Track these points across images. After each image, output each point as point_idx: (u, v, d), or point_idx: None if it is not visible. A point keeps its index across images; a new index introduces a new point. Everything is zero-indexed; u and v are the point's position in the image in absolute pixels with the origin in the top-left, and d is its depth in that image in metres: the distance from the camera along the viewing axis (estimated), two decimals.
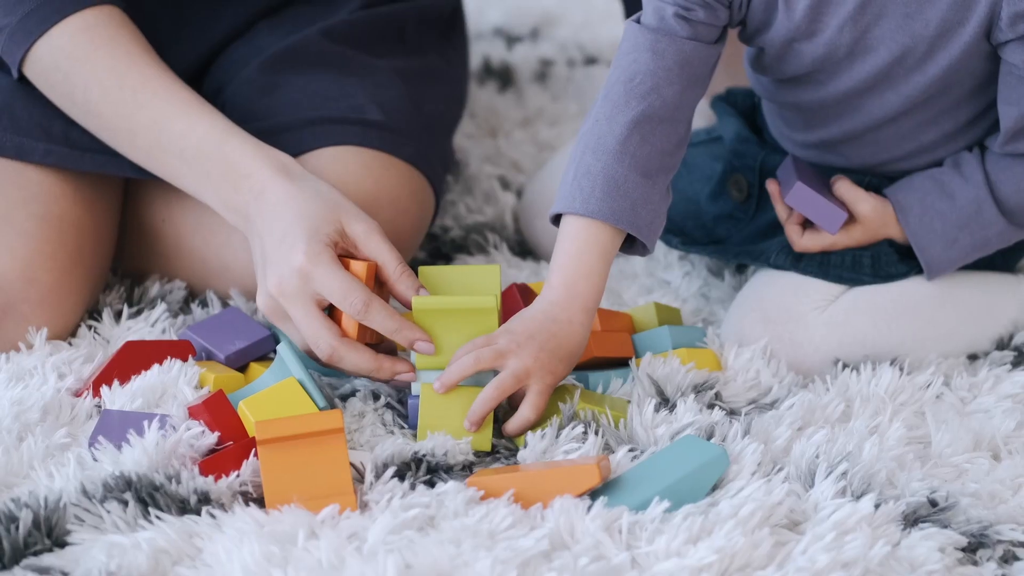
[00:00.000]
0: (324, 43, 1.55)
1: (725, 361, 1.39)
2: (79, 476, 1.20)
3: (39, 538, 1.14)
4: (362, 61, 1.55)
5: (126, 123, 1.40)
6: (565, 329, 1.29)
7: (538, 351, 1.28)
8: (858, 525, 1.17)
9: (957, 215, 1.39)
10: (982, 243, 1.40)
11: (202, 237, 1.47)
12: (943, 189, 1.40)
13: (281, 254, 1.32)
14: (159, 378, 1.33)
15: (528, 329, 1.29)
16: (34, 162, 1.42)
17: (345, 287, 1.30)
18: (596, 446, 1.26)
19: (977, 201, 1.39)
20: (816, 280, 1.41)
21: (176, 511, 1.17)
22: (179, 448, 1.23)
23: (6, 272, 1.37)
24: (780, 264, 1.43)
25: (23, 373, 1.34)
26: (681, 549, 1.13)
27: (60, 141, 1.43)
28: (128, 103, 1.39)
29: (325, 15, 1.59)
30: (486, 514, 1.16)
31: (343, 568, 1.10)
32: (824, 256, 1.42)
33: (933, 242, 1.40)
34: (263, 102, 1.51)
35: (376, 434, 1.30)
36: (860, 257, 1.42)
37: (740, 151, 1.52)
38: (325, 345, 1.31)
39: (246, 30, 1.59)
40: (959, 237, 1.39)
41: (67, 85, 1.40)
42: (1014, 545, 1.18)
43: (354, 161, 1.46)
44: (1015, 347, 1.44)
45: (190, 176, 1.39)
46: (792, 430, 1.29)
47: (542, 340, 1.28)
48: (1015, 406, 1.35)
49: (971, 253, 1.41)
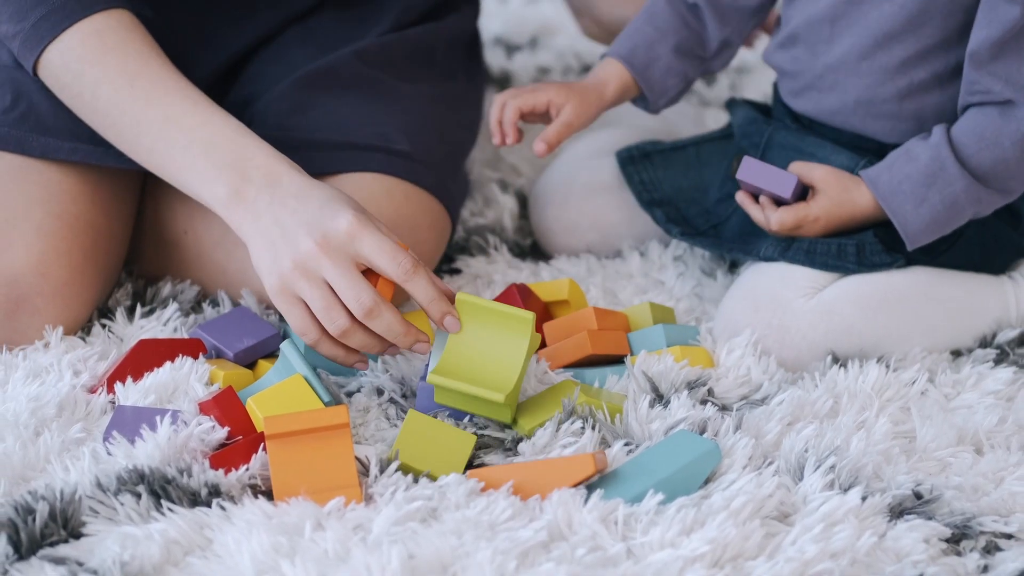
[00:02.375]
0: (357, 65, 1.54)
1: (717, 358, 1.40)
2: (94, 470, 1.20)
3: (55, 529, 1.14)
4: (392, 86, 1.55)
5: (134, 120, 1.37)
6: None
7: None
8: (846, 517, 1.17)
9: (922, 173, 1.40)
10: (951, 202, 1.40)
11: (224, 250, 1.47)
12: (908, 154, 1.41)
13: (323, 218, 1.28)
14: (171, 375, 1.33)
15: None
16: (60, 159, 1.42)
17: (395, 248, 1.28)
18: (593, 441, 1.26)
19: (939, 158, 1.40)
20: (804, 269, 1.42)
21: (187, 503, 1.17)
22: (190, 443, 1.23)
23: (21, 266, 1.37)
24: (769, 255, 1.44)
25: (40, 370, 1.34)
26: (675, 540, 1.13)
27: (85, 139, 1.43)
28: (139, 101, 1.37)
29: (356, 33, 1.59)
30: (486, 506, 1.16)
31: (348, 558, 1.10)
32: (811, 245, 1.43)
33: (903, 203, 1.41)
34: (293, 120, 1.50)
35: (380, 428, 1.30)
36: (845, 246, 1.43)
37: (748, 131, 1.55)
38: (367, 299, 1.26)
39: (274, 36, 1.59)
40: (928, 196, 1.40)
41: (78, 85, 1.39)
42: (996, 536, 1.18)
43: (377, 187, 1.46)
44: (997, 345, 1.44)
45: (194, 169, 1.35)
46: (782, 425, 1.29)
47: None
48: (997, 402, 1.35)
49: (943, 214, 1.40)
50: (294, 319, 1.30)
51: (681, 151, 1.61)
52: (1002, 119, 1.38)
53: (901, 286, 1.42)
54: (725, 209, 1.54)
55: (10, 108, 1.43)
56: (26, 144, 1.42)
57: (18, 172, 1.41)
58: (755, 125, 1.55)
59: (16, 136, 1.42)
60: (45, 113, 1.43)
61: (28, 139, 1.42)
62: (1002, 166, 1.39)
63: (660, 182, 1.59)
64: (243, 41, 1.59)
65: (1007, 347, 1.44)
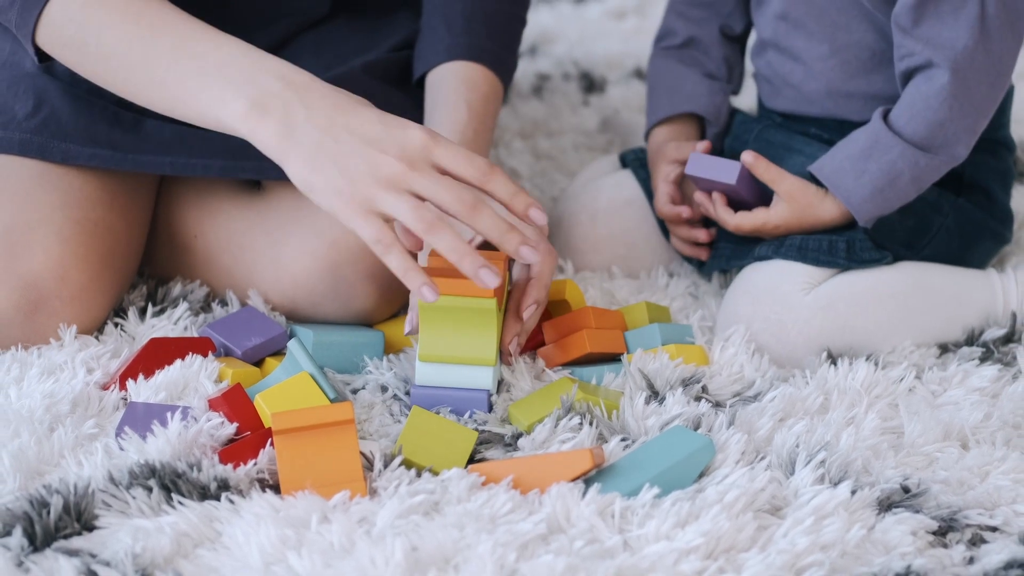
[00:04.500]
0: (365, 79, 1.53)
1: (711, 356, 1.40)
2: (106, 464, 1.20)
3: (69, 522, 1.14)
4: (398, 100, 1.53)
5: (142, 55, 1.30)
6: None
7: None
8: (835, 510, 1.17)
9: (858, 148, 1.42)
10: (888, 168, 1.40)
11: (232, 255, 1.47)
12: (848, 138, 1.43)
13: (393, 132, 1.22)
14: (181, 372, 1.33)
15: None
16: (79, 165, 1.42)
17: (469, 152, 1.24)
18: (591, 436, 1.26)
19: (874, 132, 1.42)
20: (800, 265, 1.42)
21: (197, 497, 1.17)
22: (200, 438, 1.23)
23: (41, 270, 1.37)
24: (763, 254, 1.45)
25: (54, 368, 1.34)
26: (670, 532, 1.13)
27: (104, 144, 1.43)
28: (145, 34, 1.30)
29: (367, 44, 1.58)
30: (487, 500, 1.16)
31: (353, 550, 1.10)
32: (803, 242, 1.43)
33: (844, 177, 1.42)
34: None
35: (384, 424, 1.31)
36: (836, 243, 1.43)
37: (737, 133, 1.56)
38: (468, 195, 1.21)
39: (287, 43, 1.59)
40: (867, 167, 1.41)
41: (83, 34, 1.32)
42: (981, 529, 1.18)
43: None
44: (983, 343, 1.44)
45: (210, 91, 1.26)
46: (774, 421, 1.29)
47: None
48: (982, 399, 1.35)
49: (883, 180, 1.41)
50: (371, 231, 1.21)
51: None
52: (927, 83, 1.40)
53: (892, 281, 1.43)
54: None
55: (32, 114, 1.43)
56: (47, 150, 1.42)
57: (39, 177, 1.41)
58: (745, 125, 1.56)
59: (38, 142, 1.42)
60: (66, 119, 1.43)
61: (49, 145, 1.42)
62: (938, 128, 1.40)
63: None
64: (262, 45, 1.57)
65: (992, 345, 1.44)
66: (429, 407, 1.30)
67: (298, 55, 1.58)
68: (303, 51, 1.58)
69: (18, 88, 1.44)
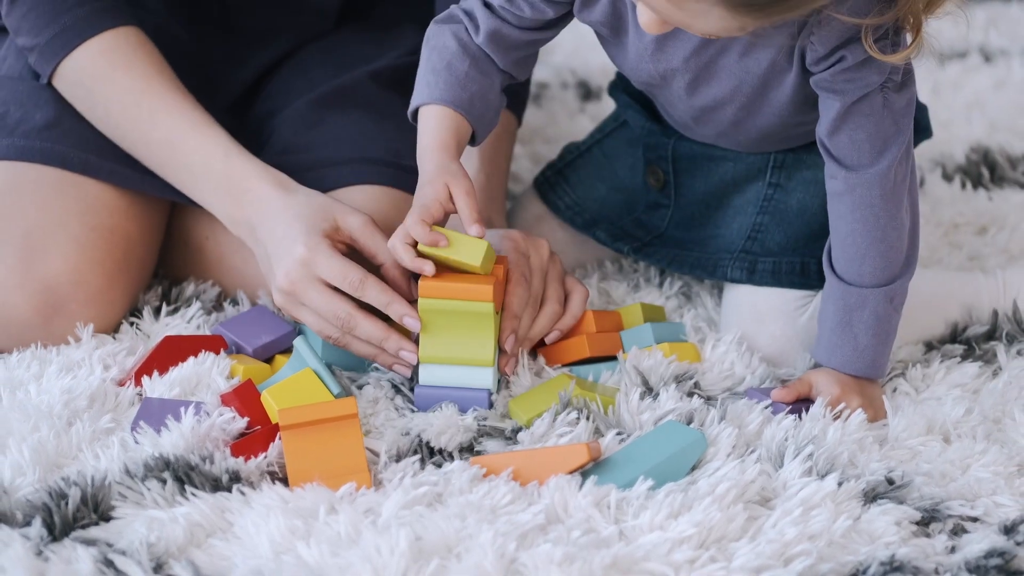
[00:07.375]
0: (371, 86, 1.53)
1: (703, 353, 1.40)
2: (122, 457, 1.20)
3: (86, 513, 1.14)
4: (405, 106, 1.53)
5: (143, 138, 1.41)
6: None
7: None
8: (823, 501, 1.17)
9: (836, 320, 1.32)
10: (874, 322, 1.32)
11: (242, 256, 1.47)
12: (821, 315, 1.35)
13: (284, 250, 1.33)
14: (194, 369, 1.33)
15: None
16: (98, 178, 1.43)
17: (343, 266, 1.31)
18: (587, 430, 1.26)
19: (840, 296, 1.32)
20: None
21: (209, 489, 1.17)
22: (212, 432, 1.24)
23: (58, 275, 1.37)
24: (736, 278, 1.42)
25: (72, 365, 1.34)
26: (664, 523, 1.13)
27: (123, 162, 1.43)
28: (144, 121, 1.40)
29: (374, 52, 1.58)
30: (488, 491, 1.16)
31: (360, 540, 1.10)
32: (775, 266, 1.41)
33: (847, 357, 1.33)
34: (309, 135, 1.50)
35: (389, 418, 1.31)
36: (808, 264, 1.40)
37: (651, 144, 1.48)
38: (342, 312, 1.30)
39: (296, 51, 1.59)
40: (855, 334, 1.32)
41: (90, 101, 1.42)
42: (963, 519, 1.19)
43: (386, 200, 1.45)
44: (965, 340, 1.44)
45: (199, 190, 1.41)
46: (763, 416, 1.29)
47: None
48: (964, 395, 1.35)
49: (879, 335, 1.32)
50: (310, 324, 1.34)
51: (587, 154, 1.54)
52: (851, 198, 1.29)
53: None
54: (658, 218, 1.49)
55: (54, 124, 1.43)
56: (67, 159, 1.42)
57: (58, 185, 1.41)
58: (655, 138, 1.47)
59: (59, 151, 1.42)
60: (85, 131, 1.44)
61: (70, 154, 1.42)
62: (884, 246, 1.30)
63: (583, 199, 1.52)
64: (268, 57, 1.58)
65: (974, 343, 1.44)
66: (432, 406, 1.30)
67: (304, 65, 1.57)
68: (309, 61, 1.58)
69: (39, 98, 1.45)
